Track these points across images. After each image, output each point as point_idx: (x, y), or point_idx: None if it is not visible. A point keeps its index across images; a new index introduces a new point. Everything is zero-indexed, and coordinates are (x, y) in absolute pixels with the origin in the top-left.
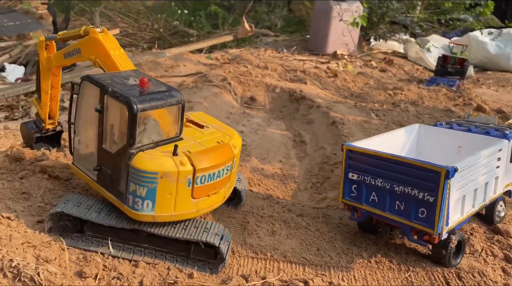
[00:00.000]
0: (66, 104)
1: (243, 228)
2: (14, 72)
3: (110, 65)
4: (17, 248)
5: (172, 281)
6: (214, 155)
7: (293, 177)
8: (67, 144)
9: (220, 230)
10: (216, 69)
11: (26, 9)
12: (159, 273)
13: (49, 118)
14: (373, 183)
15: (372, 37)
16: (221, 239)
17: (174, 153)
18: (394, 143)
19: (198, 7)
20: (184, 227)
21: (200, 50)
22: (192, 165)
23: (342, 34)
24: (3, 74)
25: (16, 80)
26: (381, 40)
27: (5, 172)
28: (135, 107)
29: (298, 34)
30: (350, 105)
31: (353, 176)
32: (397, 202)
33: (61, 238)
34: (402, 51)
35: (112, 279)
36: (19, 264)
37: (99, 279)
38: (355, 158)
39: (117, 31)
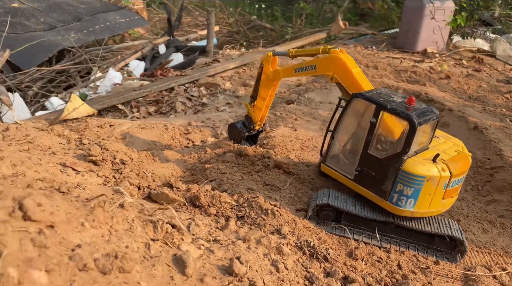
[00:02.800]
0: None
1: None
2: (138, 67)
3: (352, 82)
4: (303, 231)
5: (424, 267)
6: (462, 163)
7: None
8: (264, 142)
9: (458, 226)
10: None
11: (127, 6)
12: (409, 259)
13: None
14: None
15: (459, 35)
16: (461, 234)
17: (434, 161)
18: None
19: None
20: (427, 222)
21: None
22: (450, 171)
23: (433, 32)
24: (129, 69)
25: (141, 75)
26: (469, 38)
27: (235, 166)
28: (416, 122)
29: (366, 27)
30: (479, 109)
31: None
32: None
33: (333, 225)
34: (487, 48)
35: (374, 261)
36: (314, 244)
37: (364, 261)
38: None
39: (216, 28)
